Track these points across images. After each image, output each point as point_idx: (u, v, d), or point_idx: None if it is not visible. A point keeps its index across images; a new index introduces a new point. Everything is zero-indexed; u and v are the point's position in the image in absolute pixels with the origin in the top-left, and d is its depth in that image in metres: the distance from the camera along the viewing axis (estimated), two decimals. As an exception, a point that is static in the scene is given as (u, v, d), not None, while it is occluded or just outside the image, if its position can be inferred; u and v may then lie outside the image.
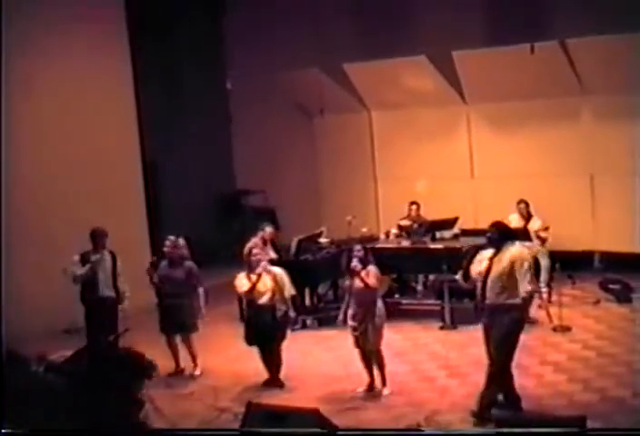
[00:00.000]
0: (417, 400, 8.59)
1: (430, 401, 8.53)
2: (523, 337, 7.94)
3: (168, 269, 9.64)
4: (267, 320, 9.08)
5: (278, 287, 9.11)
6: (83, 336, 9.72)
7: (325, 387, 9.09)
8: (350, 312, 8.81)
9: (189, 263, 9.70)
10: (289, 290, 9.23)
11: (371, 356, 8.83)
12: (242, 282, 9.19)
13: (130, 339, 8.56)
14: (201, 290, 9.70)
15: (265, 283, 9.12)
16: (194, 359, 9.78)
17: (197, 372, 9.73)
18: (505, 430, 6.27)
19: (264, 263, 9.27)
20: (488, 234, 8.08)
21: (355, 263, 8.74)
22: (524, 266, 7.73)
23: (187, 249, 9.86)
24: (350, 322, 8.82)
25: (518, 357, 8.07)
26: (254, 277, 9.12)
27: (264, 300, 9.11)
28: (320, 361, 10.03)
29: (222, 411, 8.36)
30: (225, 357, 10.21)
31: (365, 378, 8.93)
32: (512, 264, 7.70)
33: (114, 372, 7.62)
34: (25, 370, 8.14)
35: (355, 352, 9.02)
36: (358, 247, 8.95)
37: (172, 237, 9.77)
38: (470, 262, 8.07)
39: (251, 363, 9.40)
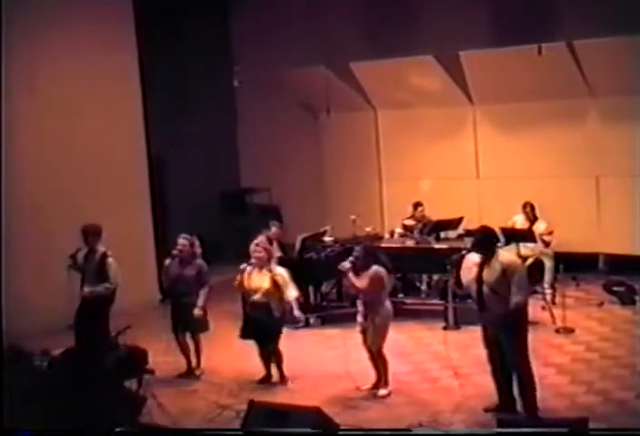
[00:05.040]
0: (419, 400, 8.59)
1: (432, 401, 8.52)
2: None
3: (179, 268, 9.59)
4: (260, 317, 9.11)
5: (276, 288, 9.07)
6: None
7: (328, 386, 9.08)
8: (359, 308, 8.83)
9: (199, 262, 9.63)
10: (291, 291, 9.10)
11: (374, 355, 8.84)
12: (238, 277, 9.29)
13: (132, 336, 8.63)
14: (205, 289, 9.60)
15: (262, 281, 9.12)
16: (198, 359, 9.77)
17: (198, 372, 9.71)
18: (507, 430, 6.27)
19: (254, 261, 9.26)
20: (473, 240, 8.02)
21: (342, 264, 8.73)
22: (515, 275, 7.58)
23: (200, 247, 9.77)
24: (358, 319, 8.84)
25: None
26: (245, 273, 9.20)
27: (257, 297, 9.13)
28: (323, 359, 10.02)
29: (224, 409, 8.37)
30: (229, 354, 10.21)
31: (370, 377, 8.92)
32: (504, 272, 7.59)
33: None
34: (29, 365, 8.17)
35: (359, 351, 9.03)
36: (358, 247, 8.92)
37: (187, 235, 9.71)
38: (458, 268, 7.99)
39: (254, 361, 9.41)
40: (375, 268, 8.67)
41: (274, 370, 9.35)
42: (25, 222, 11.33)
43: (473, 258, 7.84)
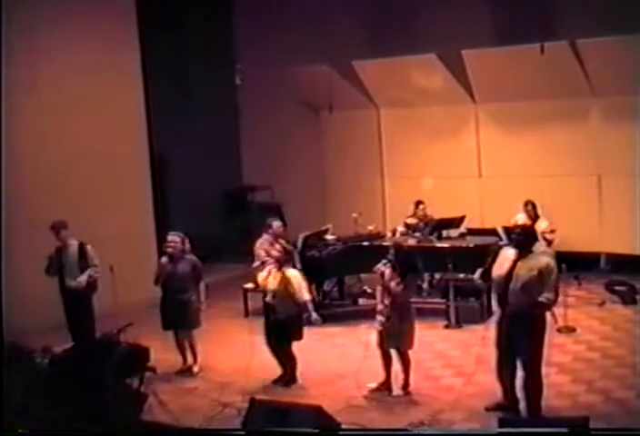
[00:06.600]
0: (421, 398, 8.57)
1: (434, 399, 8.51)
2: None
3: (172, 265, 9.59)
4: (272, 318, 9.14)
5: (287, 290, 9.04)
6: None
7: (329, 384, 9.08)
8: (379, 306, 8.78)
9: (192, 257, 9.64)
10: (302, 295, 9.08)
11: (391, 355, 8.79)
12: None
13: (134, 334, 8.63)
14: (202, 284, 9.65)
15: (274, 282, 9.13)
16: (194, 355, 9.75)
17: (196, 369, 9.70)
18: (508, 430, 6.27)
19: (270, 262, 9.30)
20: (513, 236, 8.03)
21: (378, 266, 8.75)
22: (551, 276, 7.69)
23: (189, 244, 9.78)
24: (377, 317, 8.78)
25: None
26: (263, 274, 9.27)
27: (268, 298, 9.15)
28: (324, 357, 10.02)
29: (225, 407, 8.36)
30: (229, 352, 10.22)
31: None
32: (540, 272, 7.64)
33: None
34: (29, 363, 8.18)
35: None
36: (392, 251, 8.84)
37: (177, 233, 9.72)
38: (493, 261, 8.02)
39: (255, 359, 9.40)
40: (411, 276, 8.70)
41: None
42: (26, 221, 11.30)
43: (507, 254, 7.88)
